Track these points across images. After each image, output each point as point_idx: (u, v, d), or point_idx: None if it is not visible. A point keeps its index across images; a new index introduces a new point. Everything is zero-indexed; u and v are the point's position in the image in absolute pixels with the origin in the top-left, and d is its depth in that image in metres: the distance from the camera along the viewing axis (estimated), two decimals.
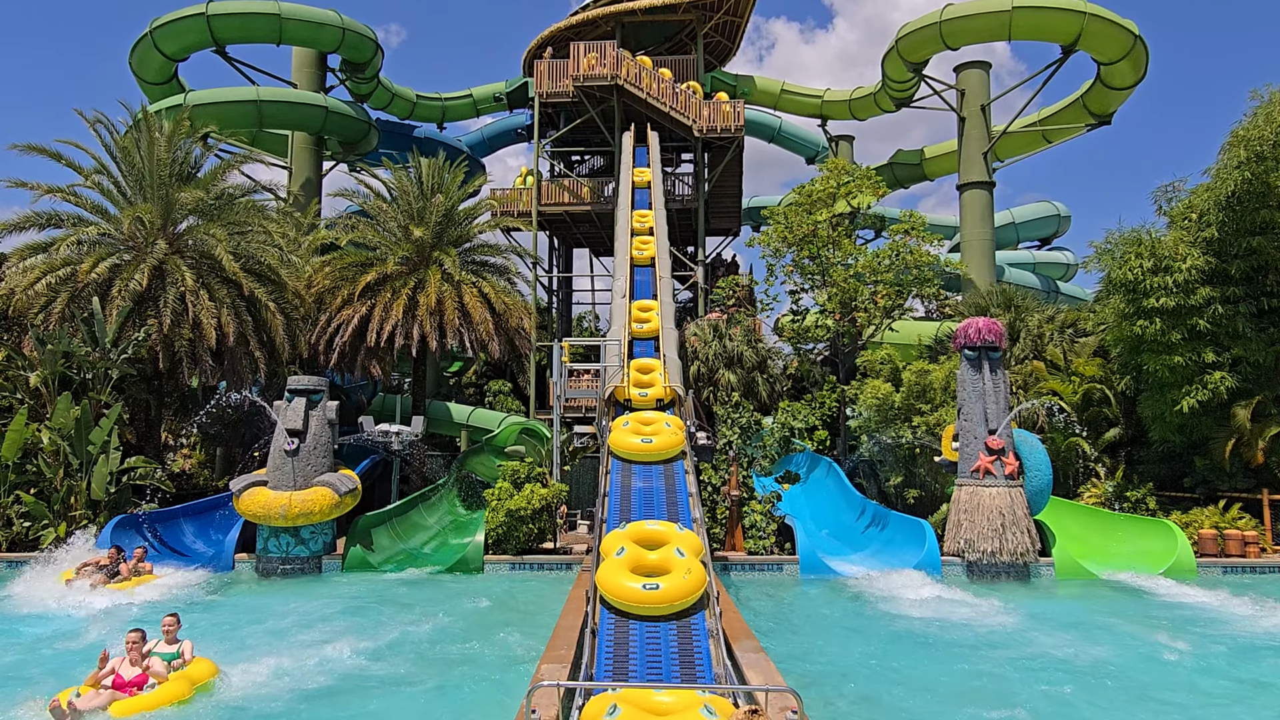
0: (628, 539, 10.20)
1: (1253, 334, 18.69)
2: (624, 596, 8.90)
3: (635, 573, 9.36)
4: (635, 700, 6.85)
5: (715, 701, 6.80)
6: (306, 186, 32.17)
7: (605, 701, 6.75)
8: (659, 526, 10.70)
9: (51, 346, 17.90)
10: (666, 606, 8.90)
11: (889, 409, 21.44)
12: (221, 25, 30.08)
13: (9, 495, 17.31)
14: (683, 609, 8.94)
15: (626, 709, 6.63)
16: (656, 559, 9.75)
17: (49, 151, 19.97)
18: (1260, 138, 17.71)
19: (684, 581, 9.05)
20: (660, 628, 8.77)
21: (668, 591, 8.91)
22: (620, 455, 13.64)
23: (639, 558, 9.74)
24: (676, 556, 9.64)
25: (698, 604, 9.06)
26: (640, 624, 8.79)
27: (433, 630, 12.03)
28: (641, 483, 12.72)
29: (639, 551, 9.89)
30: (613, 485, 12.63)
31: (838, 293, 24.69)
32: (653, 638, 8.64)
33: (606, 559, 9.70)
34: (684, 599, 8.96)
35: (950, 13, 29.05)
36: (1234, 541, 17.56)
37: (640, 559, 9.74)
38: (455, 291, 22.56)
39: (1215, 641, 11.50)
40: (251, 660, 10.04)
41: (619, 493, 12.26)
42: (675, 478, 13.00)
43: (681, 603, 8.94)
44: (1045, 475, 17.25)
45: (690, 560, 9.56)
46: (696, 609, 9.01)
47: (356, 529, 17.29)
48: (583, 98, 30.54)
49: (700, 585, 9.12)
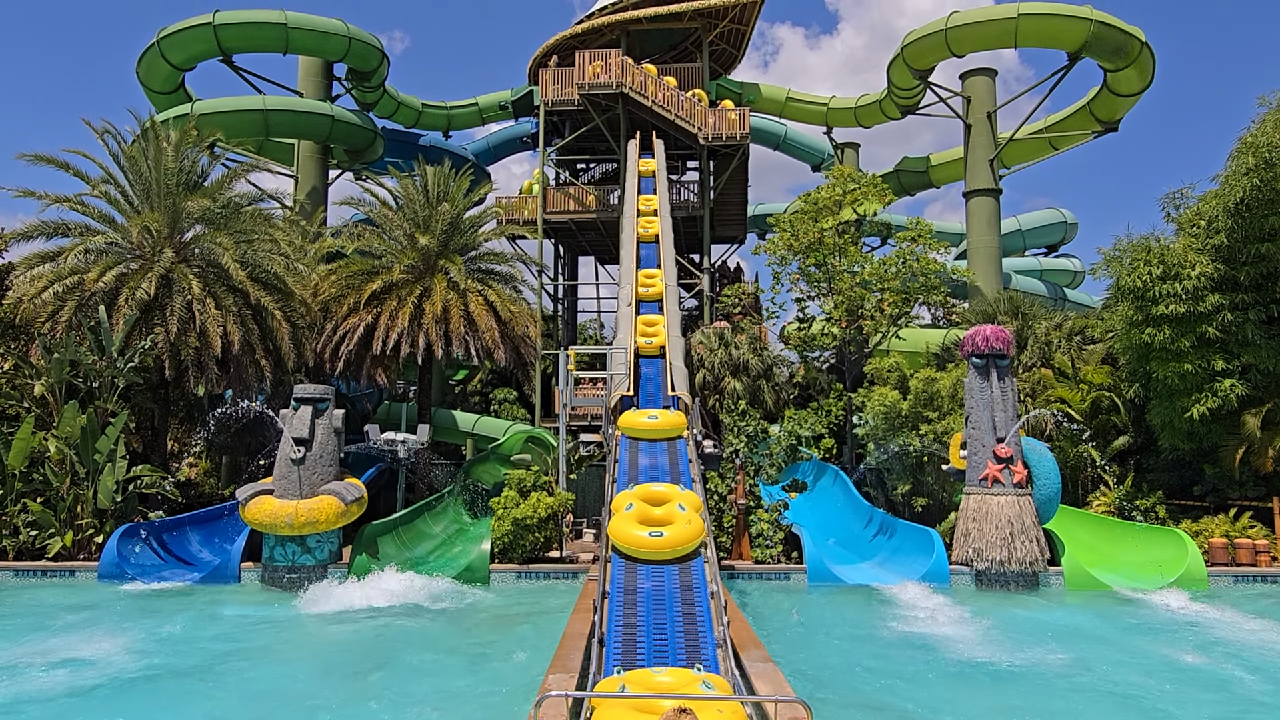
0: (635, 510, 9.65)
1: (1262, 341, 18.59)
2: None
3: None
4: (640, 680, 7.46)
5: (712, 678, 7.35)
6: (312, 195, 32.25)
7: (615, 682, 7.36)
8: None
9: (58, 355, 17.92)
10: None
11: (896, 417, 21.35)
12: (228, 35, 30.21)
13: (16, 504, 17.31)
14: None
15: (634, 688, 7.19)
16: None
17: (57, 161, 20.04)
18: (1269, 144, 17.63)
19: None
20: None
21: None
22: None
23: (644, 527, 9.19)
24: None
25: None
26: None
27: (435, 637, 11.99)
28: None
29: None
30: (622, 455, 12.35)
31: (844, 300, 24.63)
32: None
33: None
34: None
35: (956, 20, 29.04)
36: (1245, 550, 17.43)
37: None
38: (461, 299, 22.55)
39: (1232, 655, 11.37)
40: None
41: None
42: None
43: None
44: (1054, 483, 17.15)
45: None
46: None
47: (362, 537, 17.24)
48: (588, 106, 30.59)
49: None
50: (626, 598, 10.11)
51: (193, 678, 10.12)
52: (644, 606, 9.91)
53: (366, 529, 17.44)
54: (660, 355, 19.09)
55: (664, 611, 9.79)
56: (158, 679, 10.04)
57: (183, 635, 12.14)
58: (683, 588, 10.33)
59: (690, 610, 9.82)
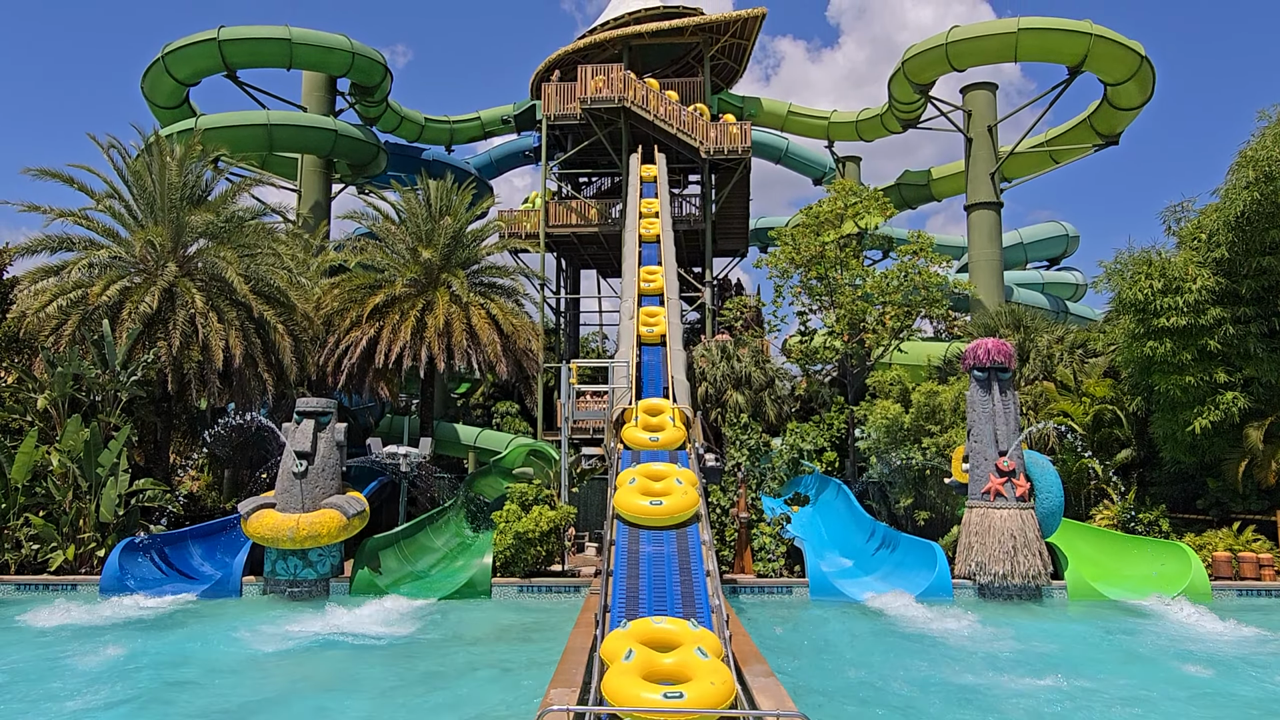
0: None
1: (1264, 354, 18.58)
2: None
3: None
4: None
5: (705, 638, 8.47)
6: (315, 209, 32.36)
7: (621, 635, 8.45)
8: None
9: (62, 369, 17.96)
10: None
11: (898, 430, 21.34)
12: (233, 50, 30.38)
13: (18, 518, 17.31)
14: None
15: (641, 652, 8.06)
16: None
17: (62, 176, 20.14)
18: (1269, 158, 17.67)
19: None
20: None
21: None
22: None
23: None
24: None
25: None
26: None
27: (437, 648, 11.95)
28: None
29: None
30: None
31: (846, 314, 24.65)
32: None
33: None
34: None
35: (956, 34, 29.17)
36: (1249, 564, 17.37)
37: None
38: (463, 313, 22.59)
39: (1239, 670, 11.32)
40: None
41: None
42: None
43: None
44: (1057, 497, 17.12)
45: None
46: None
47: (364, 551, 17.22)
48: (590, 120, 30.71)
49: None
50: (630, 558, 11.30)
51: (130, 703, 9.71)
52: (645, 565, 11.07)
53: (368, 543, 17.42)
54: (661, 343, 19.96)
55: (663, 570, 10.96)
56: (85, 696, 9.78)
57: (161, 655, 11.80)
58: (679, 550, 11.47)
59: (686, 568, 10.98)
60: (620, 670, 7.66)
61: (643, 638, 8.53)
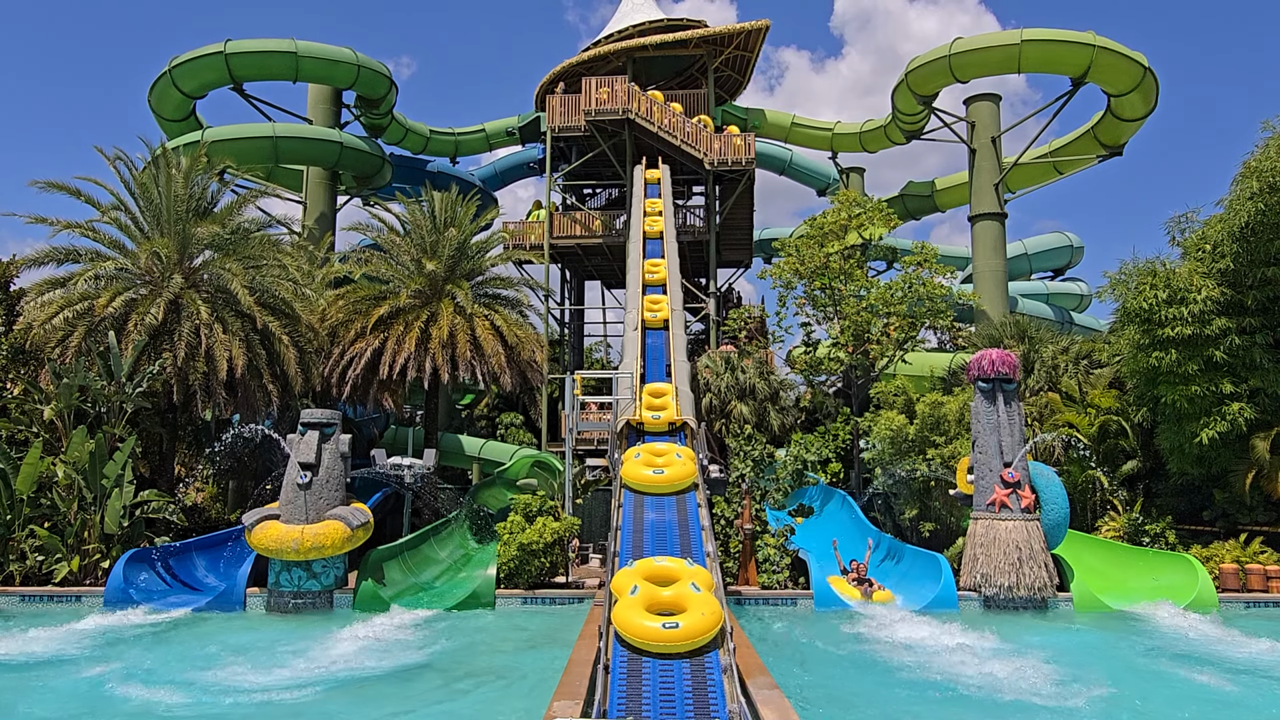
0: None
1: (1270, 365, 18.53)
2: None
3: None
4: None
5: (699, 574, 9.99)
6: (321, 221, 32.48)
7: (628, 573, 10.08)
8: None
9: (67, 380, 18.01)
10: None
11: (903, 441, 21.30)
12: (239, 63, 30.57)
13: (24, 529, 17.34)
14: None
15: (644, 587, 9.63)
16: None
17: (68, 188, 20.24)
18: (1273, 169, 17.66)
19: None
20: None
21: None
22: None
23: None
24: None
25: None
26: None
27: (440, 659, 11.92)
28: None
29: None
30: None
31: (850, 325, 24.64)
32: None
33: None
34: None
35: (960, 46, 29.23)
36: (1256, 576, 17.26)
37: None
38: (467, 324, 22.62)
39: (1263, 685, 11.22)
40: None
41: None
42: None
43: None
44: (1062, 508, 17.04)
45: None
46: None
47: (368, 563, 17.19)
48: (594, 132, 30.81)
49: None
50: (635, 520, 12.67)
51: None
52: (649, 524, 12.55)
53: (372, 554, 17.40)
54: (664, 328, 20.62)
55: (665, 528, 12.40)
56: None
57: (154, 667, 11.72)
58: (679, 512, 13.01)
59: (684, 525, 12.50)
60: (627, 604, 9.26)
61: (646, 574, 10.10)
